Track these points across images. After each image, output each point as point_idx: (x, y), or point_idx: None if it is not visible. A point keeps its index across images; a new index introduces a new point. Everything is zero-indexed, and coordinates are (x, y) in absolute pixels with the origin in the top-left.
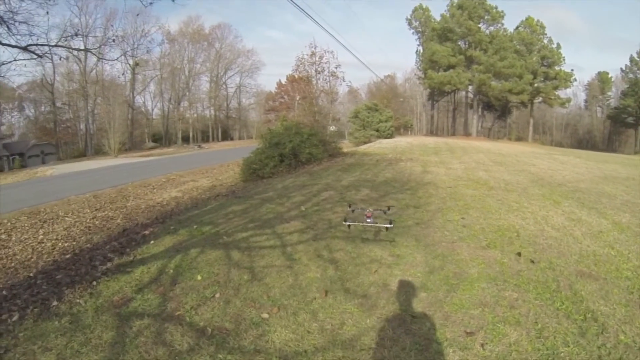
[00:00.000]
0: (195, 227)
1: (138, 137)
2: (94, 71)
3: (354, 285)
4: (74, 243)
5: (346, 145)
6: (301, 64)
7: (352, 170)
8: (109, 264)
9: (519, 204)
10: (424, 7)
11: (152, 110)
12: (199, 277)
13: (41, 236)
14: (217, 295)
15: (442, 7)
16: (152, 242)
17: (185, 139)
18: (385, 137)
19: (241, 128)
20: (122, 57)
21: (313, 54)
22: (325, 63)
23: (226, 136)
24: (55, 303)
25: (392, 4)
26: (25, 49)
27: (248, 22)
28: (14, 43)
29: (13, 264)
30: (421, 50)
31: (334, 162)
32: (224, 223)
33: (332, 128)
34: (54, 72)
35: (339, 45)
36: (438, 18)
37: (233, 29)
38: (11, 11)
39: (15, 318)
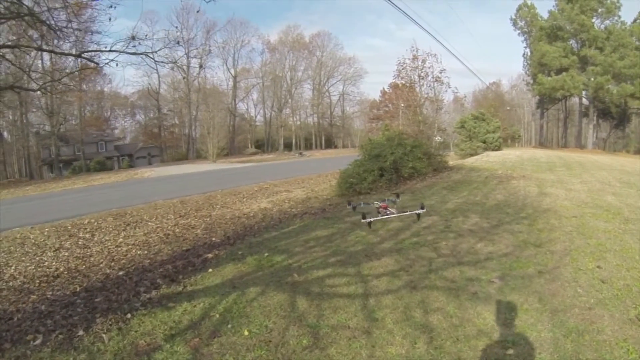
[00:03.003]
0: (266, 255)
1: (241, 142)
2: (197, 80)
3: None
4: (146, 252)
5: (451, 158)
6: (402, 68)
7: (459, 190)
8: (153, 293)
9: None
10: (529, 4)
11: (255, 116)
12: (246, 332)
13: (120, 239)
14: None
15: (549, 4)
16: (210, 270)
17: (288, 146)
18: (493, 149)
19: (345, 136)
20: (182, 59)
21: (415, 57)
22: (429, 68)
23: (330, 144)
24: (80, 333)
25: (494, 6)
26: (79, 56)
27: (349, 32)
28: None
29: (82, 268)
30: (529, 53)
31: (439, 177)
32: (301, 253)
33: (438, 139)
34: (159, 81)
35: (442, 50)
36: (545, 15)
37: (333, 36)
38: (70, 20)
39: (37, 342)
